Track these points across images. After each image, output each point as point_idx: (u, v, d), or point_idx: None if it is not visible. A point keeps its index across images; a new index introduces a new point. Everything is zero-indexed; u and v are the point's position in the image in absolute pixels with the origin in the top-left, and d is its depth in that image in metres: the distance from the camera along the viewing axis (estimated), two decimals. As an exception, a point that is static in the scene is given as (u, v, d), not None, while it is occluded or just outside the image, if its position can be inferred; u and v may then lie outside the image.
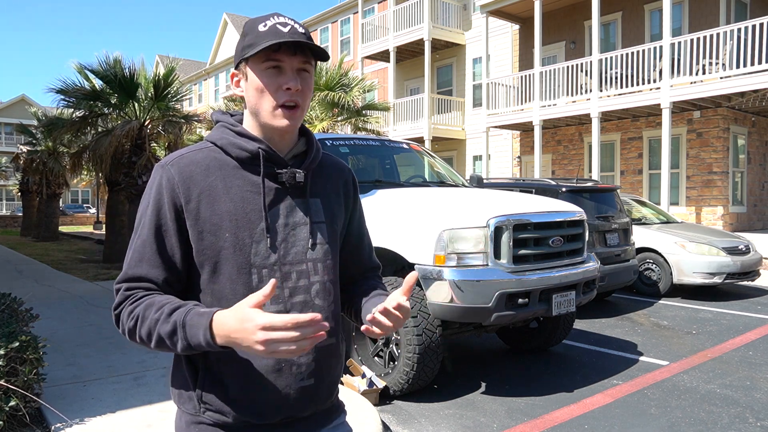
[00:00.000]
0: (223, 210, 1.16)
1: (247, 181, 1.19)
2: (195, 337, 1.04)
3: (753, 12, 13.55)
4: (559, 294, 4.17)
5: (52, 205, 19.64)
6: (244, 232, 1.16)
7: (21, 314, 4.01)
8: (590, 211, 6.64)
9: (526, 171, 16.66)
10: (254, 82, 1.18)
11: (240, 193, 1.18)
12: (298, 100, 1.18)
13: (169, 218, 1.16)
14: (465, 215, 4.04)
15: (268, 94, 1.17)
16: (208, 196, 1.16)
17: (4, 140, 45.67)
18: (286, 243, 1.20)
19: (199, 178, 1.17)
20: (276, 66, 1.16)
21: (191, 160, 1.19)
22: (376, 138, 5.85)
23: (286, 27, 1.16)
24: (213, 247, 1.16)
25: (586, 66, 13.40)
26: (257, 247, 1.17)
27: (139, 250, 1.16)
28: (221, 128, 1.25)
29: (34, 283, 8.75)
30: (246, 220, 1.17)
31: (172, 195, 1.16)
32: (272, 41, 1.13)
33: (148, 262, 1.15)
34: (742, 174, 13.73)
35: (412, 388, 4.03)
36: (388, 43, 18.33)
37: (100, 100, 11.90)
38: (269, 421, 1.19)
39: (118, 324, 1.14)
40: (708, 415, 3.81)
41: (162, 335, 1.06)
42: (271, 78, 1.16)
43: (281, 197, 1.22)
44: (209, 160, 1.19)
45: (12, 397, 3.15)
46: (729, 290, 8.68)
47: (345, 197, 1.36)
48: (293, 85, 1.16)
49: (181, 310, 1.07)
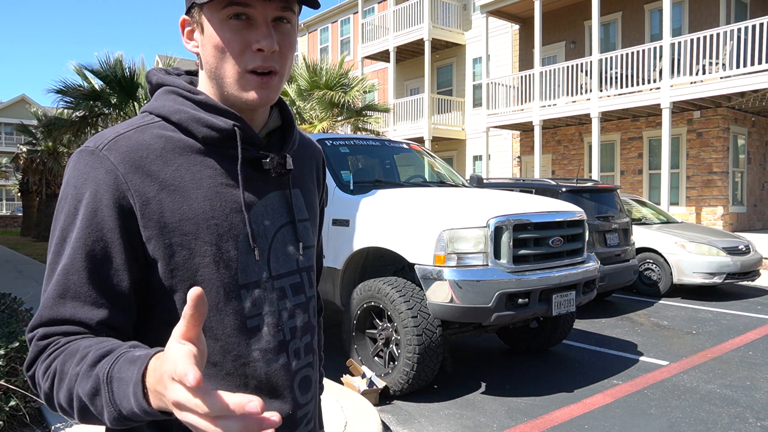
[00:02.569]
0: (197, 211, 0.84)
1: (217, 171, 0.87)
2: (126, 401, 0.66)
3: (753, 12, 13.55)
4: (559, 294, 4.17)
5: (52, 205, 19.62)
6: (229, 242, 0.85)
7: (21, 314, 4.01)
8: (590, 211, 6.64)
9: (526, 171, 16.66)
10: (212, 36, 0.84)
11: (214, 188, 0.86)
12: (274, 65, 0.85)
13: (109, 228, 0.79)
14: (465, 215, 4.04)
15: (230, 56, 0.84)
16: (172, 192, 0.83)
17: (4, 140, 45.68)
18: (275, 251, 0.91)
19: (155, 167, 0.82)
20: (241, 13, 0.82)
21: (137, 142, 0.83)
22: (376, 138, 5.85)
23: None
24: (187, 264, 0.83)
25: (586, 66, 13.40)
26: (245, 260, 0.87)
27: (60, 282, 0.78)
28: (171, 96, 0.89)
29: (34, 283, 8.75)
30: (228, 224, 0.86)
31: (114, 194, 0.80)
32: None
33: (75, 296, 0.78)
34: (742, 174, 13.73)
35: (412, 388, 4.03)
36: (388, 43, 18.33)
37: (100, 101, 11.90)
38: None
39: (35, 388, 0.78)
40: (708, 415, 3.81)
41: (83, 398, 0.70)
42: (235, 32, 0.83)
43: (262, 191, 0.91)
44: (163, 142, 0.85)
45: (12, 397, 3.15)
46: (729, 290, 8.68)
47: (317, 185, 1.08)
48: (266, 45, 0.82)
49: (110, 357, 0.70)
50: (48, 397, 0.76)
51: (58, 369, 0.74)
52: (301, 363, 0.94)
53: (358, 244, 4.35)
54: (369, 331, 4.33)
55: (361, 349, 4.36)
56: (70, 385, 0.72)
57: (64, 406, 0.74)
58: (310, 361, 0.96)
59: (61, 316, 0.78)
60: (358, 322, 4.31)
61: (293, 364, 0.92)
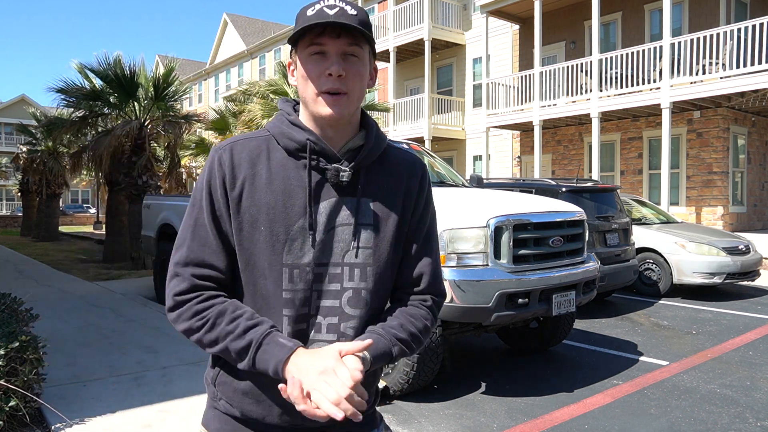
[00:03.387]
0: (262, 202, 1.11)
1: (293, 174, 1.13)
2: (264, 363, 1.04)
3: (753, 12, 13.55)
4: (559, 294, 4.17)
5: (52, 205, 19.63)
6: (279, 228, 1.10)
7: (21, 314, 4.01)
8: (590, 211, 6.63)
9: (526, 171, 16.66)
10: (300, 69, 1.12)
11: (283, 186, 1.12)
12: (343, 87, 1.09)
13: (222, 202, 1.12)
14: (465, 215, 4.04)
15: (310, 81, 1.10)
16: (250, 185, 1.11)
17: (4, 140, 45.68)
18: (323, 244, 1.12)
19: (246, 165, 1.12)
20: (319, 51, 1.09)
21: (244, 146, 1.15)
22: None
23: (333, 9, 1.07)
24: (249, 239, 1.11)
25: (586, 66, 13.40)
26: (291, 244, 1.11)
27: (200, 235, 1.12)
28: (278, 116, 1.19)
29: (34, 283, 8.75)
30: (284, 215, 1.10)
31: (222, 178, 1.12)
32: (311, 22, 1.06)
33: (211, 247, 1.12)
34: (742, 174, 13.73)
35: (412, 388, 4.03)
36: (388, 43, 18.34)
37: (100, 100, 11.90)
38: (275, 422, 1.15)
39: (176, 310, 1.12)
40: (708, 415, 3.81)
41: (230, 349, 1.07)
42: (314, 64, 1.09)
43: (327, 194, 1.13)
44: (260, 149, 1.14)
45: (12, 397, 3.15)
46: (729, 290, 8.68)
47: (406, 199, 1.21)
48: (334, 70, 1.07)
49: (256, 330, 1.06)
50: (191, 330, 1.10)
51: (212, 321, 1.08)
52: (320, 336, 1.13)
53: (358, 244, 4.34)
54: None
55: (361, 349, 4.35)
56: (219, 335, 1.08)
57: (205, 342, 1.10)
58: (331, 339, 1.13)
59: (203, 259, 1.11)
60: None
61: (311, 334, 1.13)
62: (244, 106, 13.18)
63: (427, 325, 1.20)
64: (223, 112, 14.95)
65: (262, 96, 12.71)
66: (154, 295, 7.58)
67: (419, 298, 1.22)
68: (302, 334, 1.13)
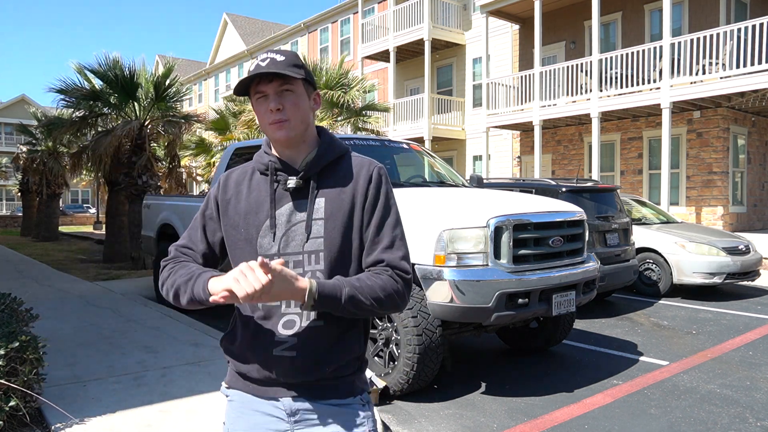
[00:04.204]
0: (242, 210, 1.47)
1: (263, 188, 1.47)
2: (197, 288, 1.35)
3: (753, 12, 13.55)
4: (559, 294, 4.17)
5: (52, 205, 19.63)
6: (252, 229, 1.44)
7: (21, 314, 4.01)
8: (590, 211, 6.64)
9: (526, 171, 16.66)
10: (254, 110, 1.46)
11: (256, 197, 1.46)
12: (282, 116, 1.40)
13: (213, 209, 1.52)
14: (465, 215, 4.04)
15: (260, 117, 1.44)
16: (234, 199, 1.49)
17: (4, 140, 45.67)
18: (286, 237, 1.42)
19: (232, 185, 1.52)
20: (262, 95, 1.41)
21: (237, 172, 1.54)
22: (376, 138, 5.85)
23: (265, 61, 1.39)
24: (233, 238, 1.48)
25: (586, 66, 13.40)
26: (262, 240, 1.43)
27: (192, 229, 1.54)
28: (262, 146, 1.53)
29: (34, 283, 8.75)
30: (256, 219, 1.44)
31: (216, 194, 1.53)
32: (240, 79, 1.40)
33: (194, 237, 1.53)
34: (742, 174, 13.73)
35: (412, 388, 4.03)
36: (388, 43, 18.33)
37: (100, 100, 11.89)
38: (256, 377, 1.43)
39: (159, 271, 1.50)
40: (708, 415, 3.81)
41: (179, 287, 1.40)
42: (260, 105, 1.42)
43: (287, 199, 1.45)
44: (246, 173, 1.52)
45: (12, 397, 3.15)
46: (729, 290, 8.68)
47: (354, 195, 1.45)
48: (273, 106, 1.39)
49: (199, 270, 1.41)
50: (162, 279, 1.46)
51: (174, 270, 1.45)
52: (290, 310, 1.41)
53: (358, 244, 4.34)
54: (369, 331, 4.33)
55: (361, 349, 4.35)
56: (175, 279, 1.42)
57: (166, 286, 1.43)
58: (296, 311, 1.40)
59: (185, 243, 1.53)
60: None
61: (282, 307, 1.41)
62: (244, 106, 13.17)
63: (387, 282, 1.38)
64: (223, 112, 14.94)
65: (262, 96, 12.68)
66: (154, 295, 7.58)
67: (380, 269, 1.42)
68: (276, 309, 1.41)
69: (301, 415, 1.42)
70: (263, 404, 1.44)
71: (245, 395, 1.46)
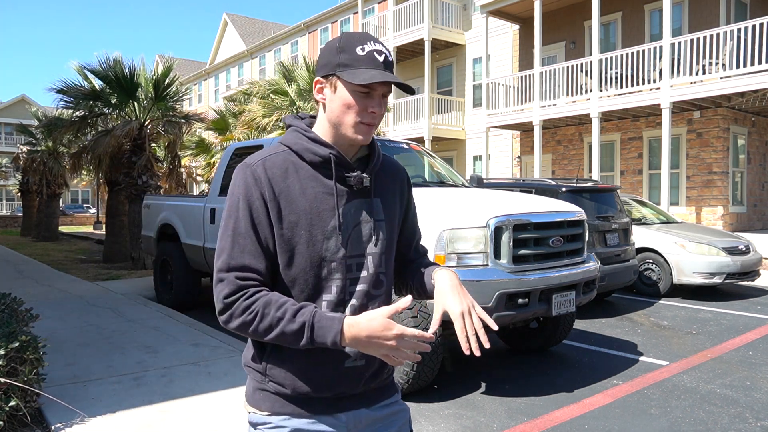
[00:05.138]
0: (300, 209, 1.30)
1: (319, 183, 1.33)
2: (322, 338, 1.21)
3: (753, 12, 13.55)
4: (559, 294, 4.17)
5: (52, 205, 19.63)
6: (317, 230, 1.31)
7: (21, 314, 4.01)
8: (590, 211, 6.64)
9: (526, 171, 16.66)
10: (344, 97, 1.29)
11: (314, 194, 1.32)
12: (376, 121, 1.33)
13: (261, 212, 1.29)
14: (465, 215, 4.04)
15: (354, 112, 1.29)
16: (286, 196, 1.30)
17: (4, 140, 45.67)
18: (351, 239, 1.34)
19: (279, 179, 1.31)
20: (368, 92, 1.29)
21: (273, 162, 1.33)
22: (375, 138, 5.83)
23: (381, 56, 1.29)
24: (290, 241, 1.30)
25: (586, 66, 13.40)
26: (328, 243, 1.31)
27: (240, 242, 1.28)
28: (295, 133, 1.37)
29: (34, 283, 8.75)
30: (319, 218, 1.31)
31: (260, 191, 1.29)
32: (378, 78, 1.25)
33: (251, 253, 1.28)
34: (742, 174, 13.73)
35: (412, 388, 4.03)
36: (388, 43, 18.32)
37: (100, 100, 11.89)
38: (323, 395, 1.34)
39: (227, 311, 1.26)
40: (708, 415, 3.81)
41: (286, 332, 1.22)
42: (360, 99, 1.29)
43: (349, 198, 1.35)
44: (287, 163, 1.33)
45: (12, 397, 3.15)
46: (729, 290, 8.68)
47: (401, 196, 1.49)
48: (378, 110, 1.30)
49: (304, 311, 1.23)
50: (244, 324, 1.24)
51: (260, 311, 1.23)
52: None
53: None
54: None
55: (361, 349, 4.35)
56: (271, 322, 1.22)
57: (260, 332, 1.23)
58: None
59: (244, 263, 1.27)
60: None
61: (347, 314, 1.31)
62: (244, 107, 13.17)
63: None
64: (223, 112, 14.94)
65: (263, 96, 12.71)
66: (154, 295, 7.58)
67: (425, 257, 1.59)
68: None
69: (363, 424, 1.39)
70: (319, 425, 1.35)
71: (297, 421, 1.35)
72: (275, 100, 12.60)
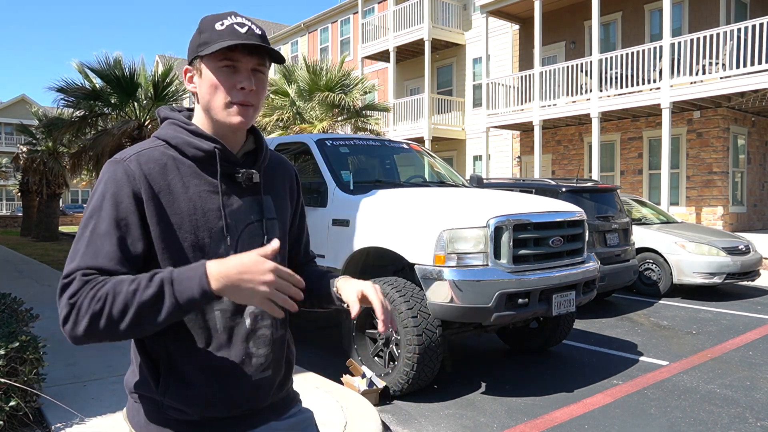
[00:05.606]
0: (183, 210, 1.15)
1: (203, 181, 1.19)
2: (188, 290, 1.01)
3: (753, 12, 13.55)
4: (559, 294, 4.17)
5: (52, 205, 19.62)
6: (203, 232, 1.17)
7: (21, 314, 4.01)
8: (590, 211, 6.63)
9: (526, 171, 16.65)
10: (209, 78, 1.17)
11: (198, 193, 1.18)
12: (251, 100, 1.18)
13: (131, 212, 1.11)
14: (465, 215, 4.04)
15: (222, 91, 1.16)
16: (167, 195, 1.15)
17: (4, 140, 45.68)
18: (242, 240, 1.22)
19: (158, 176, 1.15)
20: (231, 65, 1.16)
21: (149, 156, 1.16)
22: (376, 138, 5.85)
23: (243, 27, 1.16)
24: (173, 245, 1.14)
25: (586, 66, 13.40)
26: (216, 246, 1.18)
27: (95, 244, 1.08)
28: (172, 126, 1.23)
29: (34, 283, 8.75)
30: (204, 220, 1.17)
31: (132, 188, 1.12)
32: (230, 42, 1.13)
33: (106, 255, 1.08)
34: (742, 174, 13.73)
35: (412, 388, 4.03)
36: (388, 44, 18.33)
37: (100, 100, 11.89)
38: (232, 413, 1.21)
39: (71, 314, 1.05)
40: (708, 415, 3.81)
41: (145, 302, 1.01)
42: (226, 76, 1.16)
43: (237, 196, 1.23)
44: (166, 158, 1.18)
45: (12, 397, 3.15)
46: (729, 290, 8.68)
47: (290, 193, 1.40)
48: (247, 85, 1.16)
49: (161, 272, 1.05)
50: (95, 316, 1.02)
51: (110, 291, 1.02)
52: (259, 324, 1.23)
53: (358, 244, 4.35)
54: (369, 331, 4.33)
55: (361, 349, 4.36)
56: (126, 299, 1.01)
57: (114, 317, 1.01)
58: (267, 323, 1.25)
59: (95, 265, 1.07)
60: (358, 322, 4.31)
61: (247, 323, 1.22)
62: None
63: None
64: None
65: (262, 96, 12.68)
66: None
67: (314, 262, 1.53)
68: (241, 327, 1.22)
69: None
70: None
71: None
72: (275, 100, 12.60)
